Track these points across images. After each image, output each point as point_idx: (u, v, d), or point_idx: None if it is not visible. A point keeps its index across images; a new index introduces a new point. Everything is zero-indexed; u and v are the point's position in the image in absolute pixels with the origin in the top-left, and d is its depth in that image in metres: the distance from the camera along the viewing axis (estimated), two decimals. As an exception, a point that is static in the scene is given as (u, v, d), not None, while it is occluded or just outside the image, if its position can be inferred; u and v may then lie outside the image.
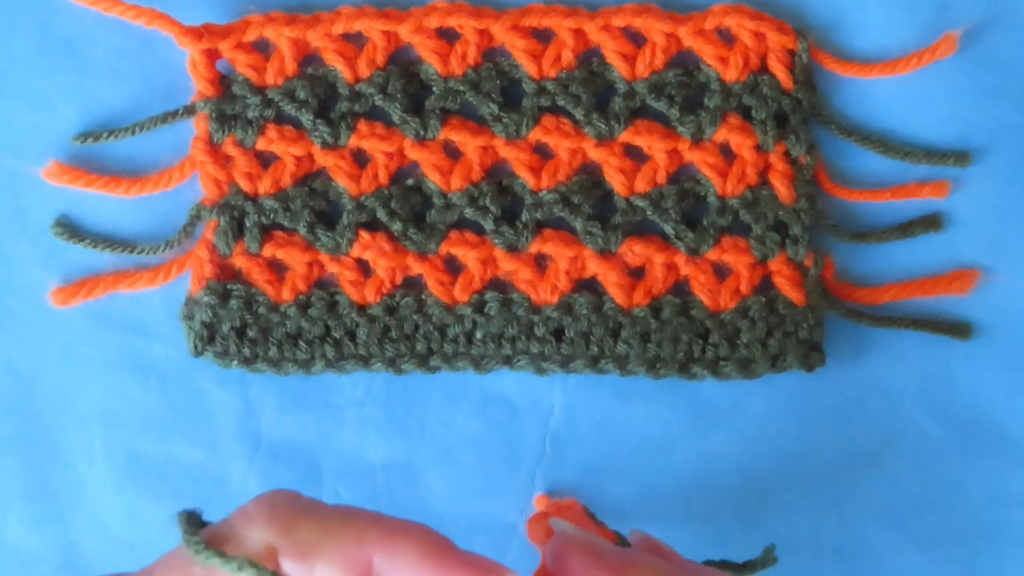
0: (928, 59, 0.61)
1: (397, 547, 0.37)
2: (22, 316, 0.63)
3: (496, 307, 0.61)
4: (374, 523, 0.38)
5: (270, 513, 0.38)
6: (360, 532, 0.37)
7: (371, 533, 0.37)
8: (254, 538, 0.37)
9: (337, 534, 0.37)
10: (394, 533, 0.37)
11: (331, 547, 0.37)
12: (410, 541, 0.37)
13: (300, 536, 0.37)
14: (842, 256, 0.63)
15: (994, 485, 0.63)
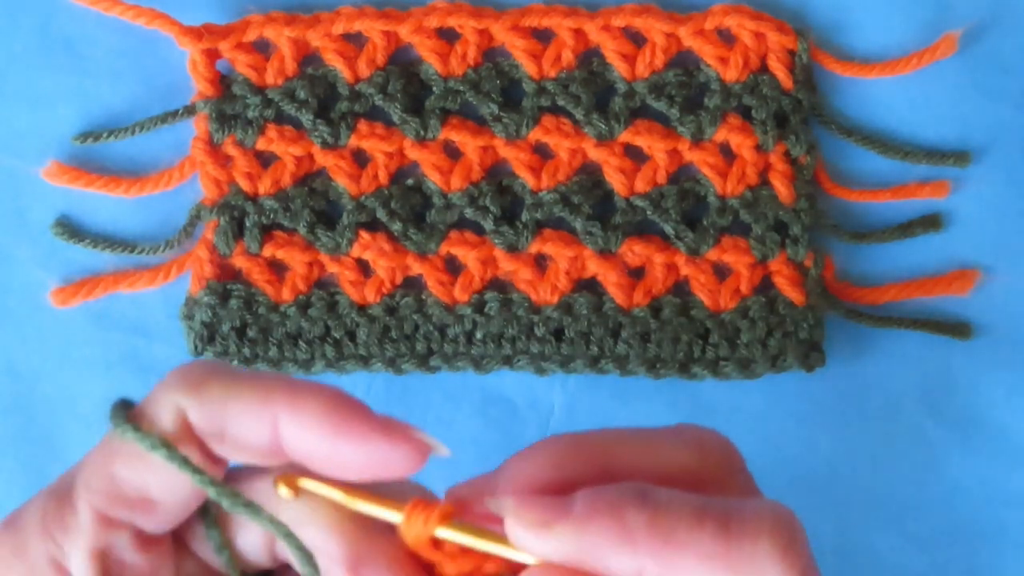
0: (928, 59, 0.61)
1: (302, 403, 0.36)
2: (22, 316, 0.63)
3: (496, 307, 0.61)
4: (283, 382, 0.37)
5: (182, 376, 0.37)
6: (267, 389, 0.37)
7: (278, 391, 0.37)
8: (167, 404, 0.37)
9: (244, 391, 0.37)
10: (301, 390, 0.37)
11: (238, 404, 0.36)
12: (316, 398, 0.37)
13: (209, 395, 0.36)
14: (842, 256, 0.63)
15: (994, 485, 0.63)
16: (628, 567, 0.35)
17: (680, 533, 0.34)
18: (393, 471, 0.37)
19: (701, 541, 0.34)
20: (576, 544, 0.35)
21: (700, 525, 0.34)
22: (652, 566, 0.34)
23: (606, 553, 0.34)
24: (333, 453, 0.37)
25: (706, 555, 0.34)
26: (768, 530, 0.34)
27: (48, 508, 0.37)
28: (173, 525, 0.38)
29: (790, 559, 0.34)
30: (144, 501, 0.36)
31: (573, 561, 0.35)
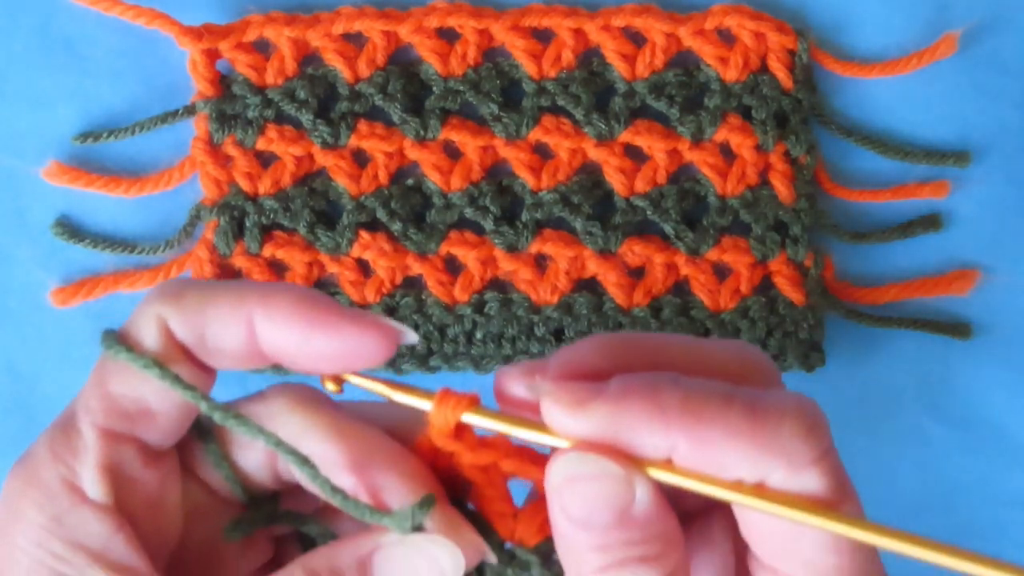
0: (928, 59, 0.61)
1: (273, 300, 0.39)
2: (22, 316, 0.63)
3: (496, 307, 0.61)
4: (255, 285, 0.40)
5: (160, 290, 0.39)
6: (240, 292, 0.39)
7: (251, 292, 0.39)
8: (149, 316, 0.38)
9: (219, 296, 0.39)
10: (272, 290, 0.39)
11: (214, 307, 0.38)
12: (286, 295, 0.39)
13: (186, 303, 0.38)
14: (842, 256, 0.63)
15: (994, 485, 0.63)
16: (660, 444, 0.36)
17: (710, 412, 0.35)
18: (364, 359, 0.39)
19: (729, 419, 0.35)
20: (610, 422, 0.36)
21: (729, 406, 0.35)
22: (683, 442, 0.35)
23: (639, 431, 0.36)
24: (306, 345, 0.38)
25: (734, 432, 0.35)
26: (793, 411, 0.36)
27: (55, 437, 0.38)
28: (175, 436, 0.39)
29: (814, 438, 0.36)
30: (143, 412, 0.38)
31: (606, 439, 0.36)
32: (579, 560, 0.37)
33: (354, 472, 0.39)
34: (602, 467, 0.36)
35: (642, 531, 0.36)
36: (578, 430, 0.36)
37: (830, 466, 0.36)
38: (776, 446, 0.35)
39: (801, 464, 0.36)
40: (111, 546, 0.37)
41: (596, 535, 0.36)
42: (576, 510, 0.36)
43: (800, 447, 0.36)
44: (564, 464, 0.36)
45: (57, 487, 0.37)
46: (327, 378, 0.40)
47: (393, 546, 0.39)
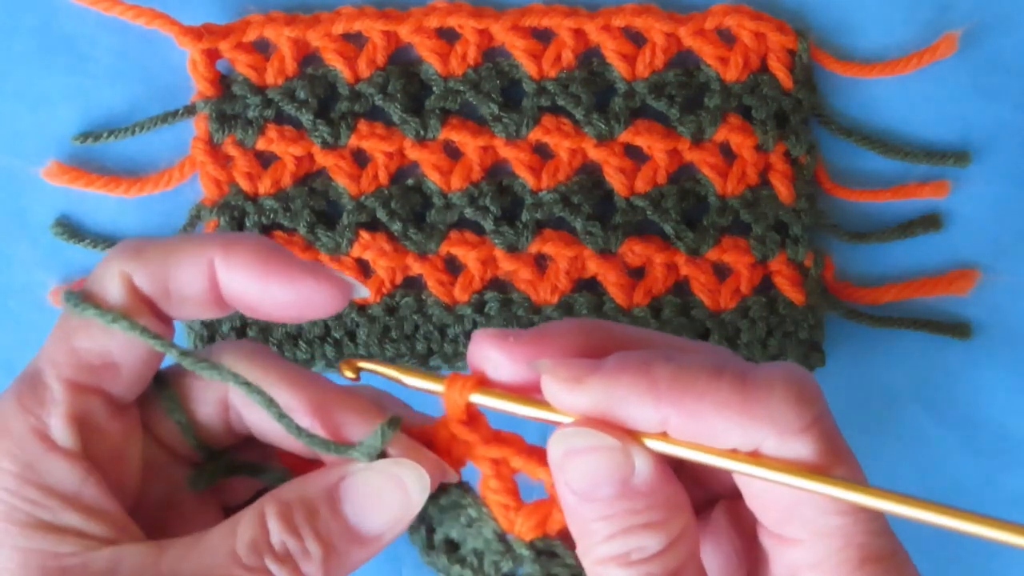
0: (928, 59, 0.61)
1: (233, 248, 0.41)
2: (22, 316, 0.63)
3: (496, 307, 0.61)
4: (217, 236, 0.42)
5: (123, 246, 0.41)
6: (201, 242, 0.41)
7: (211, 242, 0.41)
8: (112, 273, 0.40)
9: (180, 247, 0.41)
10: (233, 240, 0.41)
11: (176, 257, 0.40)
12: (246, 244, 0.41)
13: (148, 256, 0.40)
14: (842, 256, 0.63)
15: (994, 485, 0.63)
16: (652, 417, 0.37)
17: (700, 385, 0.37)
18: (319, 308, 0.41)
19: (719, 392, 0.36)
20: (605, 396, 0.37)
21: (718, 378, 0.37)
22: (674, 415, 0.37)
23: (632, 404, 0.37)
24: (265, 292, 0.40)
25: (723, 404, 0.36)
26: (781, 380, 0.37)
27: (22, 391, 0.40)
28: (138, 389, 0.41)
29: (803, 405, 0.37)
30: (108, 365, 0.40)
31: (601, 413, 0.38)
32: (587, 531, 0.38)
33: (314, 415, 0.41)
34: (598, 439, 0.37)
35: (645, 499, 0.38)
36: (575, 405, 0.38)
37: (821, 431, 0.37)
38: (765, 415, 0.36)
39: (791, 431, 0.37)
40: (83, 490, 0.39)
41: (600, 506, 0.38)
42: (578, 482, 0.38)
43: (789, 415, 0.37)
44: (562, 438, 0.38)
45: (27, 437, 0.39)
46: (344, 364, 0.42)
47: (359, 472, 0.41)
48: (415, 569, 0.62)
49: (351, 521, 0.40)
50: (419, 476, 0.40)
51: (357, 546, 0.40)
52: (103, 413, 0.40)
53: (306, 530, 0.39)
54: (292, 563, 0.39)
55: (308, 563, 0.39)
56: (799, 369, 0.38)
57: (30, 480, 0.38)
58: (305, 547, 0.39)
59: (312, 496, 0.40)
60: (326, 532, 0.40)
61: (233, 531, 0.39)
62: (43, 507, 0.38)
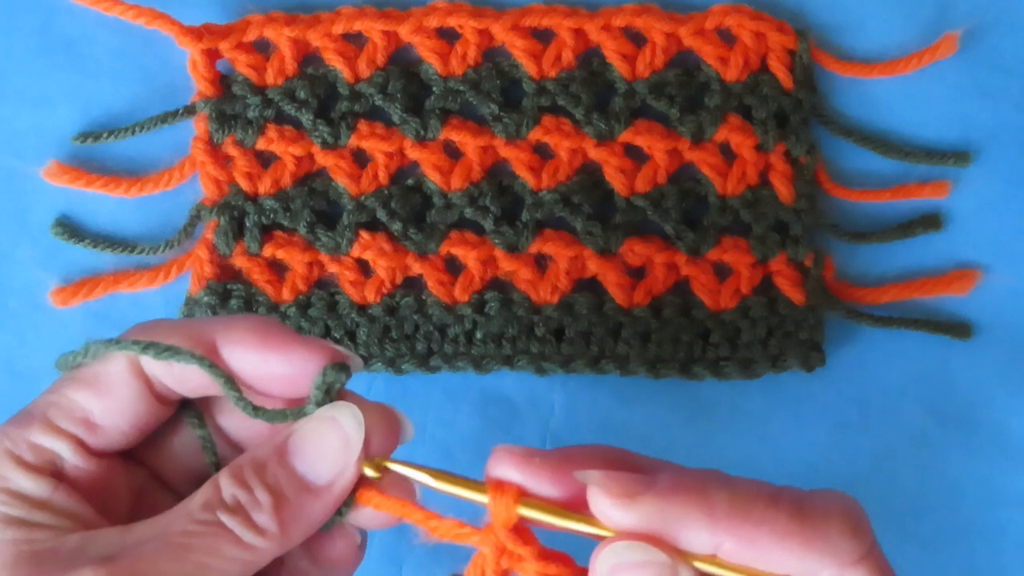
0: (928, 59, 0.61)
1: (234, 327, 0.43)
2: (22, 316, 0.63)
3: (496, 307, 0.61)
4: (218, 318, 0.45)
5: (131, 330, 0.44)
6: (203, 323, 0.44)
7: (214, 322, 0.44)
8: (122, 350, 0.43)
9: (184, 329, 0.43)
10: (234, 319, 0.44)
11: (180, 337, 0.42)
12: (245, 322, 0.43)
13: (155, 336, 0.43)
14: (842, 256, 0.63)
15: (994, 485, 0.63)
16: (706, 542, 0.37)
17: (758, 512, 0.37)
18: None
19: (777, 519, 0.37)
20: (659, 517, 0.37)
21: (776, 505, 0.37)
22: (730, 541, 0.37)
23: (687, 527, 0.37)
24: (263, 365, 0.43)
25: (782, 532, 0.37)
26: (839, 511, 0.37)
27: (12, 418, 0.43)
28: (117, 447, 0.43)
29: (859, 536, 0.37)
30: (86, 421, 0.42)
31: (653, 532, 0.38)
32: None
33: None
34: (650, 555, 0.37)
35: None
36: (626, 522, 0.38)
37: (876, 563, 0.37)
38: (824, 546, 0.37)
39: (849, 562, 0.37)
40: (54, 498, 0.41)
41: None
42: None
43: (847, 546, 0.37)
44: (612, 552, 0.38)
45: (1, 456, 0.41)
46: (367, 463, 0.43)
47: (302, 425, 0.42)
48: (415, 569, 0.62)
49: (299, 470, 0.42)
50: (352, 413, 0.42)
51: (307, 494, 0.42)
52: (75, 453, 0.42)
53: (255, 482, 0.41)
54: (244, 513, 0.41)
55: (259, 512, 0.41)
56: (852, 499, 0.38)
57: (3, 489, 0.41)
58: (255, 497, 0.41)
59: (262, 455, 0.42)
60: (274, 482, 0.41)
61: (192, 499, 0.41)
62: (15, 507, 0.41)
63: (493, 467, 0.40)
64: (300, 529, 0.42)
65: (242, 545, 0.40)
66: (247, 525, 0.40)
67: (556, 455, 0.40)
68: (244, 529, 0.40)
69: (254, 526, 0.41)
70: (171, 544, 0.39)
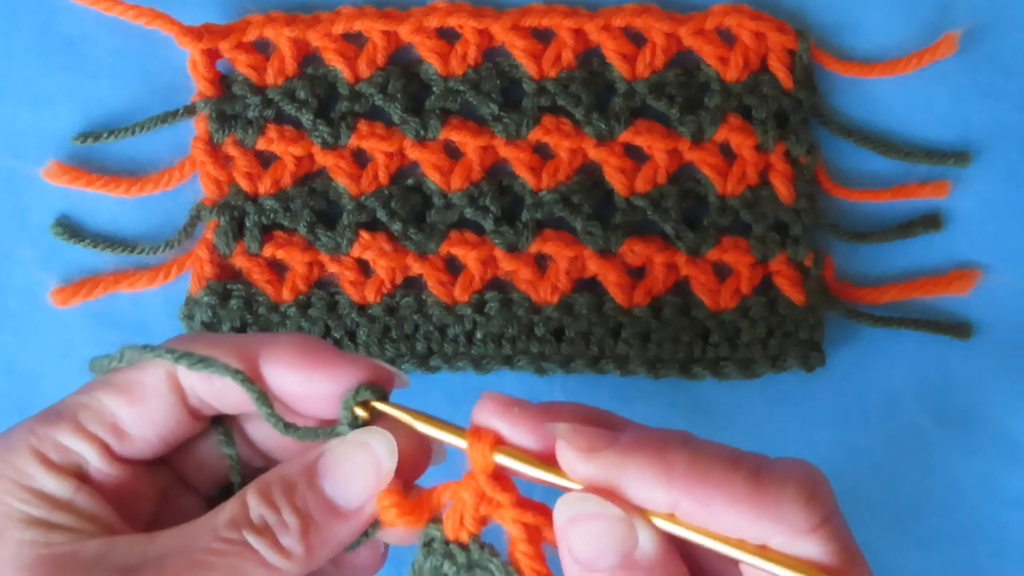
0: (928, 59, 0.61)
1: (277, 344, 0.43)
2: (22, 316, 0.63)
3: (496, 307, 0.61)
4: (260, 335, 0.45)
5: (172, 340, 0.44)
6: (247, 339, 0.44)
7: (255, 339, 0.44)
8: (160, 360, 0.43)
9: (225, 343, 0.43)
10: (276, 337, 0.44)
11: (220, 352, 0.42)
12: (289, 340, 0.43)
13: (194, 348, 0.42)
14: (842, 256, 0.63)
15: (994, 485, 0.63)
16: (663, 500, 0.38)
17: (714, 475, 0.37)
18: None
19: (733, 484, 0.37)
20: (616, 471, 0.38)
21: (734, 470, 0.37)
22: (685, 502, 0.37)
23: (643, 484, 0.38)
24: (308, 384, 0.42)
25: (736, 497, 0.37)
26: (795, 480, 0.37)
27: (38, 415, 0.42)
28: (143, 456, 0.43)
29: (814, 506, 0.37)
30: (115, 427, 0.42)
31: (610, 486, 0.38)
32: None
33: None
34: (603, 508, 0.38)
35: (646, 574, 0.38)
36: (586, 474, 0.38)
37: (832, 532, 0.38)
38: (775, 513, 0.37)
39: (801, 531, 0.37)
40: (76, 499, 0.41)
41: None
42: (581, 550, 0.38)
43: (800, 515, 0.37)
44: (566, 503, 0.39)
45: (27, 453, 0.41)
46: (357, 405, 0.42)
47: (334, 447, 0.42)
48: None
49: (328, 493, 0.42)
50: (385, 440, 0.42)
51: (336, 518, 0.42)
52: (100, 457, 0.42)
53: (283, 503, 0.41)
54: (270, 534, 0.40)
55: (286, 535, 0.40)
56: (812, 468, 0.39)
57: (26, 485, 0.41)
58: (283, 519, 0.40)
59: (291, 473, 0.42)
60: (303, 504, 0.41)
61: (217, 514, 0.41)
62: (37, 507, 0.40)
63: (477, 413, 0.41)
64: (326, 552, 0.42)
65: (266, 566, 0.40)
66: (273, 547, 0.40)
67: (536, 408, 0.41)
68: (270, 551, 0.40)
69: (280, 548, 0.40)
70: (194, 561, 0.39)
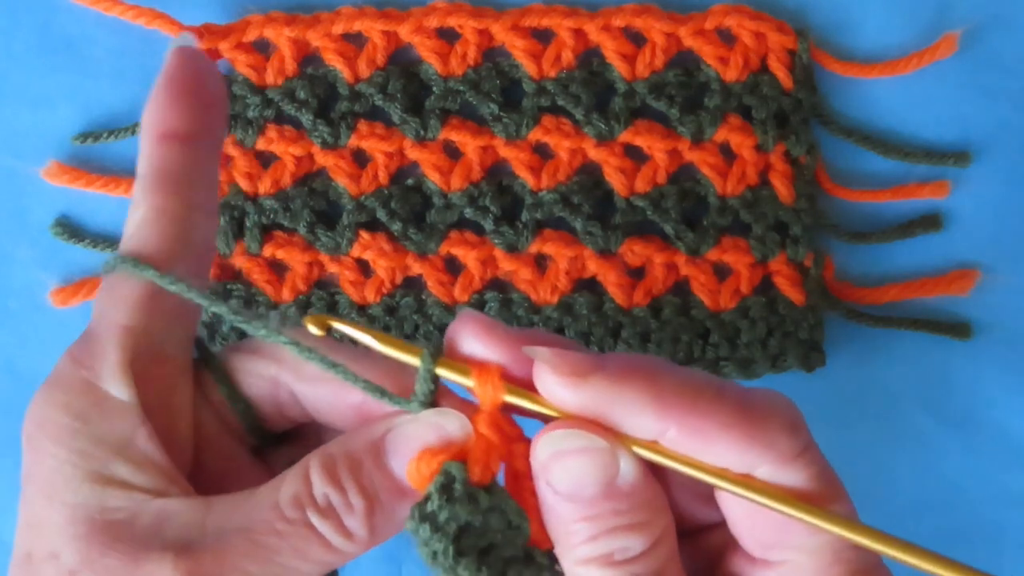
0: (928, 59, 0.61)
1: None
2: (22, 316, 0.63)
3: (496, 307, 0.61)
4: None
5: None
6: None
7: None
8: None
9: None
10: None
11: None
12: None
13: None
14: (842, 256, 0.63)
15: (994, 485, 0.63)
16: (651, 428, 0.37)
17: (704, 402, 0.37)
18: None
19: (722, 411, 0.36)
20: (606, 398, 0.37)
21: (722, 398, 0.37)
22: (675, 429, 0.37)
23: (634, 411, 0.37)
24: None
25: (726, 424, 0.36)
26: (779, 408, 0.37)
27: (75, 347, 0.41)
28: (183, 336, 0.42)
29: (797, 434, 0.37)
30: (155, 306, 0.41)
31: (598, 415, 0.37)
32: (568, 531, 0.38)
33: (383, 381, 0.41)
34: (591, 442, 0.37)
35: (628, 500, 0.37)
36: (573, 402, 0.37)
37: (813, 459, 0.38)
38: (764, 439, 0.37)
39: (787, 458, 0.37)
40: (133, 440, 0.39)
41: (583, 506, 0.37)
42: (563, 484, 0.37)
43: (786, 442, 0.37)
44: (551, 440, 0.37)
45: (80, 388, 0.39)
46: (310, 320, 0.40)
47: (404, 424, 0.39)
48: (415, 569, 0.62)
49: (396, 472, 0.39)
50: (462, 424, 0.39)
51: (402, 498, 0.39)
52: (151, 355, 0.40)
53: (350, 483, 0.39)
54: (335, 516, 0.38)
55: (351, 516, 0.38)
56: (788, 399, 0.39)
57: (81, 431, 0.39)
58: (348, 500, 0.38)
59: (357, 449, 0.39)
60: (370, 485, 0.39)
61: (278, 486, 0.39)
62: (92, 458, 0.38)
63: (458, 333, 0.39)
64: (389, 532, 0.40)
65: (330, 548, 0.38)
66: (338, 529, 0.38)
67: (514, 331, 0.39)
68: (335, 533, 0.38)
69: (344, 530, 0.39)
70: (257, 544, 0.37)
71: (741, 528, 0.39)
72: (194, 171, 0.43)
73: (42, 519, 0.38)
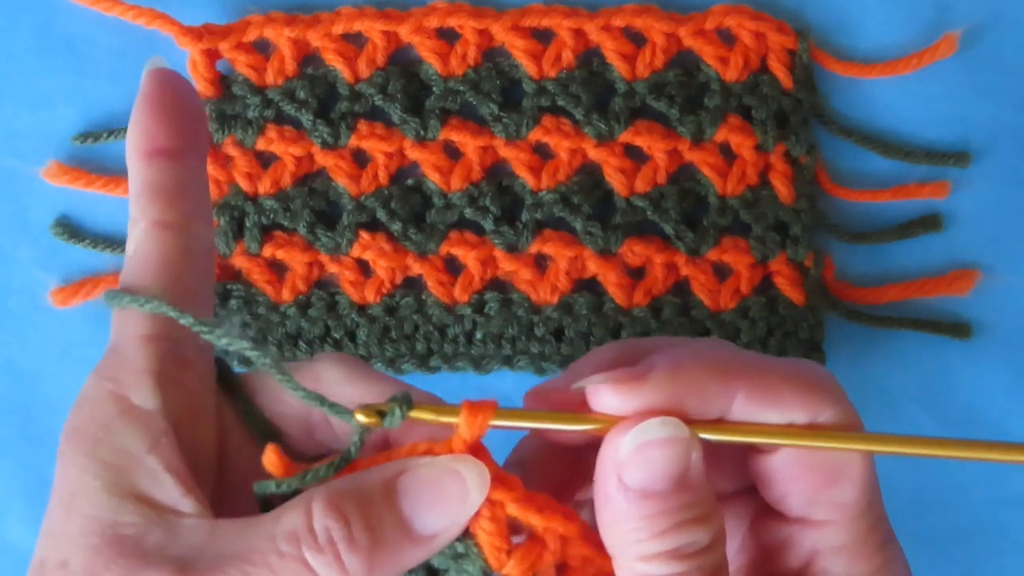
0: (928, 59, 0.61)
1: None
2: (22, 316, 0.63)
3: (496, 307, 0.61)
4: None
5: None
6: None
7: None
8: None
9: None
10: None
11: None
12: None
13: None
14: (842, 256, 0.63)
15: (994, 485, 0.63)
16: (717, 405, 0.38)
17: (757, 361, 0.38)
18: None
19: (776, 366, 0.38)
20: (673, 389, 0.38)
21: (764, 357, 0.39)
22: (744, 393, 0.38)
23: (699, 391, 0.38)
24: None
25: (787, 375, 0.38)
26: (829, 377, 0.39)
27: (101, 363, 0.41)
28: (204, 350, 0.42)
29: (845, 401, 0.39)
30: None
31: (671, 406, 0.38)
32: (633, 528, 0.38)
33: None
34: (677, 429, 0.38)
35: (696, 493, 0.38)
36: (637, 404, 0.38)
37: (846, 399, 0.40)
38: (823, 385, 0.38)
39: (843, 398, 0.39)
40: (155, 450, 0.39)
41: (655, 502, 0.37)
42: (638, 479, 0.37)
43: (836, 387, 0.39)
44: (640, 431, 0.38)
45: (105, 400, 0.39)
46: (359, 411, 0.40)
47: (420, 467, 0.39)
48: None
49: (405, 514, 0.38)
50: (480, 472, 0.38)
51: (410, 543, 0.38)
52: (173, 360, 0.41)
53: (355, 516, 0.38)
54: (334, 552, 0.37)
55: (353, 552, 0.37)
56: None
57: (103, 441, 0.39)
58: (352, 534, 0.37)
59: (367, 486, 0.39)
60: (377, 522, 0.38)
61: (279, 517, 0.38)
62: (113, 468, 0.38)
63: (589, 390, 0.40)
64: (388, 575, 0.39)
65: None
66: (335, 567, 0.37)
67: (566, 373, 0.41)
68: (329, 570, 0.37)
69: (341, 567, 0.37)
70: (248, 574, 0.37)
71: (785, 488, 0.40)
72: (186, 182, 0.44)
73: (60, 528, 0.39)
